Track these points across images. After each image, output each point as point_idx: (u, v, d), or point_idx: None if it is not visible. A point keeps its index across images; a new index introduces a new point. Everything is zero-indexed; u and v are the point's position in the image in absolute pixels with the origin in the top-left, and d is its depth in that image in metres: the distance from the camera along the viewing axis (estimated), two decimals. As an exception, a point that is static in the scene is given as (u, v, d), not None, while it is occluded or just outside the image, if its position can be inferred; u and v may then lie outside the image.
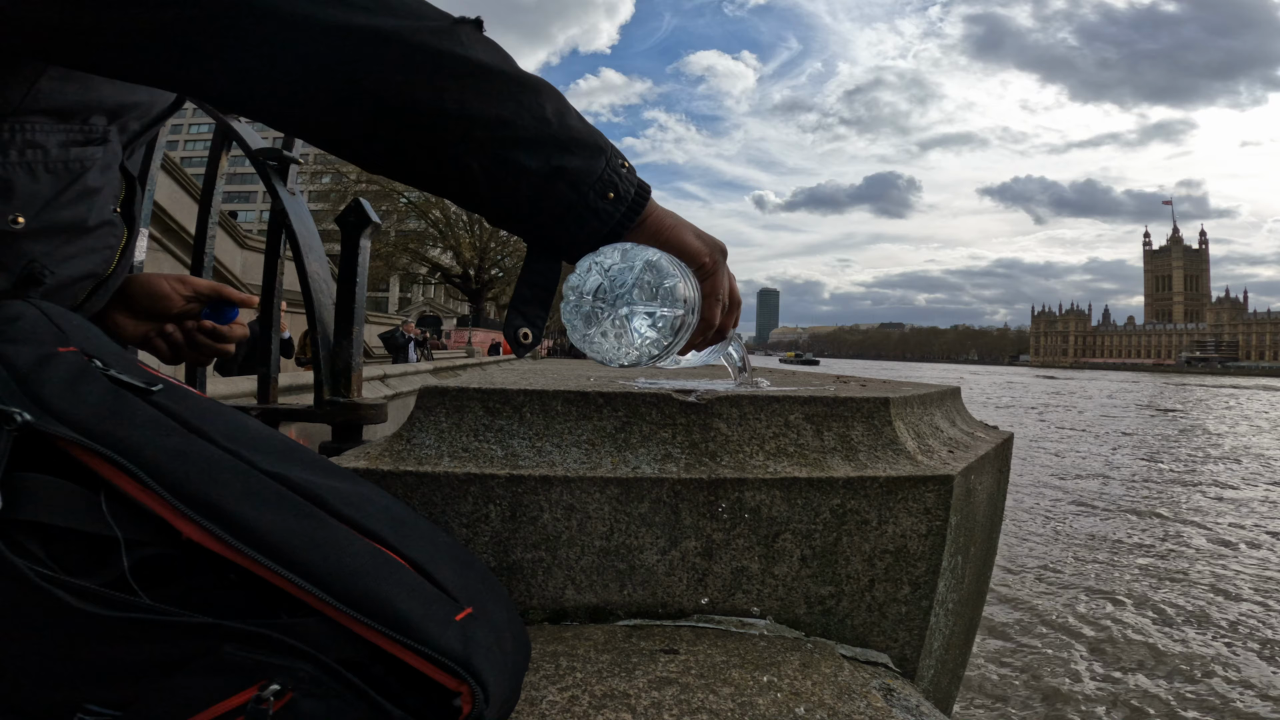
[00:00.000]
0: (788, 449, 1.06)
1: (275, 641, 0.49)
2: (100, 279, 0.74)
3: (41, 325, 0.61)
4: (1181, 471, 12.29)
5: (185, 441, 0.57)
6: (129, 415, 0.57)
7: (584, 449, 1.03)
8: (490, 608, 0.63)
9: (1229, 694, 3.90)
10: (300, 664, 0.49)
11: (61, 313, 0.64)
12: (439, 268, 33.46)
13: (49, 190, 0.65)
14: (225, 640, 0.49)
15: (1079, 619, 4.87)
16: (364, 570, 0.54)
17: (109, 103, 0.72)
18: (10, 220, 0.62)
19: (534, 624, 1.00)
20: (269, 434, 0.66)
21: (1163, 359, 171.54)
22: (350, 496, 0.61)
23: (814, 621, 1.03)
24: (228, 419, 0.63)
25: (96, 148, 0.70)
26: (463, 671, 0.52)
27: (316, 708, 0.49)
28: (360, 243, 1.17)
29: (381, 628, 0.51)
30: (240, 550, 0.51)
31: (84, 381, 0.57)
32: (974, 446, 1.29)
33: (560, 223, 0.60)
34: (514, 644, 0.63)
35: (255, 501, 0.55)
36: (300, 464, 0.62)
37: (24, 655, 0.49)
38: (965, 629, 1.38)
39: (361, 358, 1.20)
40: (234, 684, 0.48)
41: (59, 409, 0.54)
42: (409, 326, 10.54)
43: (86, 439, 0.52)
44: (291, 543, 0.53)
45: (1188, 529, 7.87)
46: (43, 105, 0.63)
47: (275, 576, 0.51)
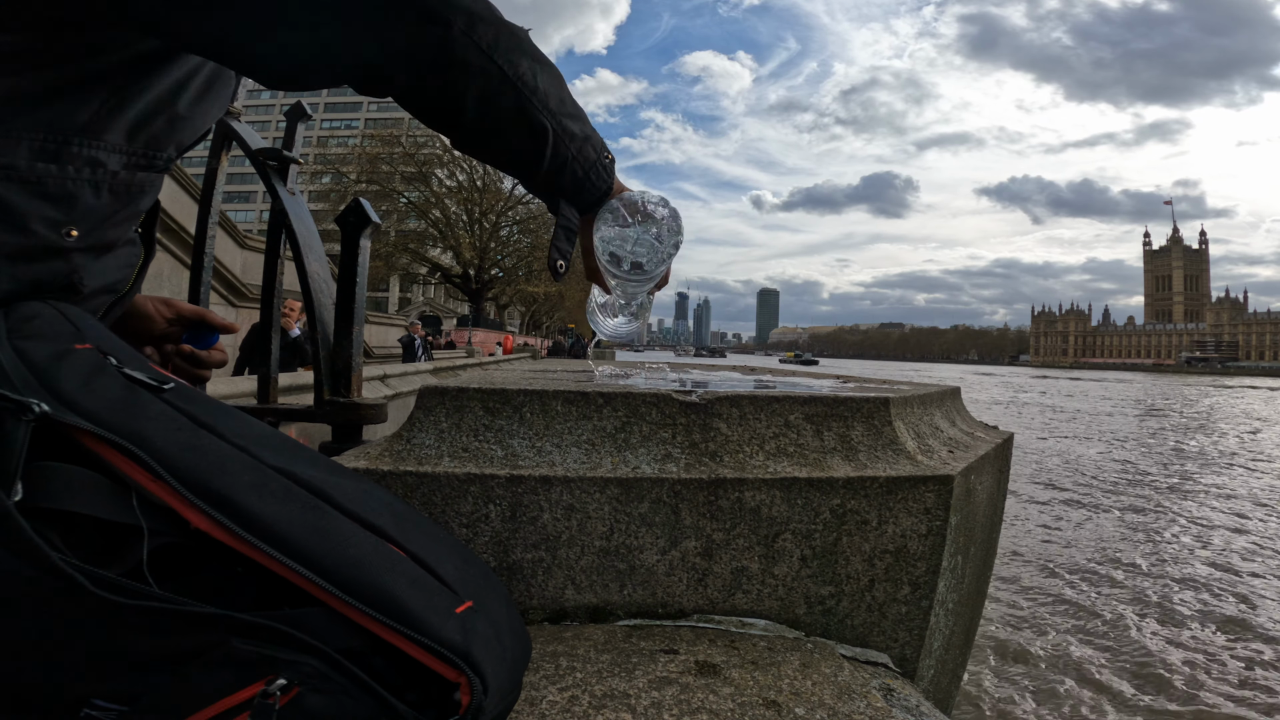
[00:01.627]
0: (788, 449, 1.06)
1: (281, 634, 0.49)
2: (119, 295, 0.75)
3: (58, 323, 0.62)
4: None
5: (195, 436, 0.58)
6: (142, 410, 0.57)
7: (584, 449, 1.03)
8: (490, 603, 0.63)
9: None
10: (306, 658, 0.49)
11: (78, 313, 0.65)
12: (439, 268, 33.51)
13: (107, 209, 0.67)
14: (232, 633, 0.49)
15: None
16: (366, 561, 0.55)
17: (186, 139, 0.74)
18: (65, 233, 0.64)
19: (534, 624, 1.00)
20: (275, 433, 0.67)
21: (1163, 359, 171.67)
22: (353, 492, 0.62)
23: (814, 621, 1.03)
24: (236, 418, 0.64)
25: (158, 174, 0.72)
26: (462, 663, 0.52)
27: (323, 703, 0.49)
28: (360, 243, 1.17)
29: (382, 618, 0.51)
30: (245, 539, 0.52)
31: (99, 377, 0.58)
32: (974, 446, 1.29)
33: (589, 174, 0.73)
34: (513, 639, 0.63)
35: (262, 494, 0.55)
36: (306, 461, 0.63)
37: (42, 642, 0.49)
38: (965, 629, 1.38)
39: (362, 358, 1.20)
40: (242, 678, 0.48)
41: (75, 401, 0.54)
42: (415, 328, 10.61)
43: (102, 430, 0.53)
44: (296, 533, 0.53)
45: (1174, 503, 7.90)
46: (114, 126, 0.65)
47: (279, 566, 0.52)
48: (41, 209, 0.61)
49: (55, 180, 0.62)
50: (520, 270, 33.43)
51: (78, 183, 0.63)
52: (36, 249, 0.62)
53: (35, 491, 0.49)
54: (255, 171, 1.26)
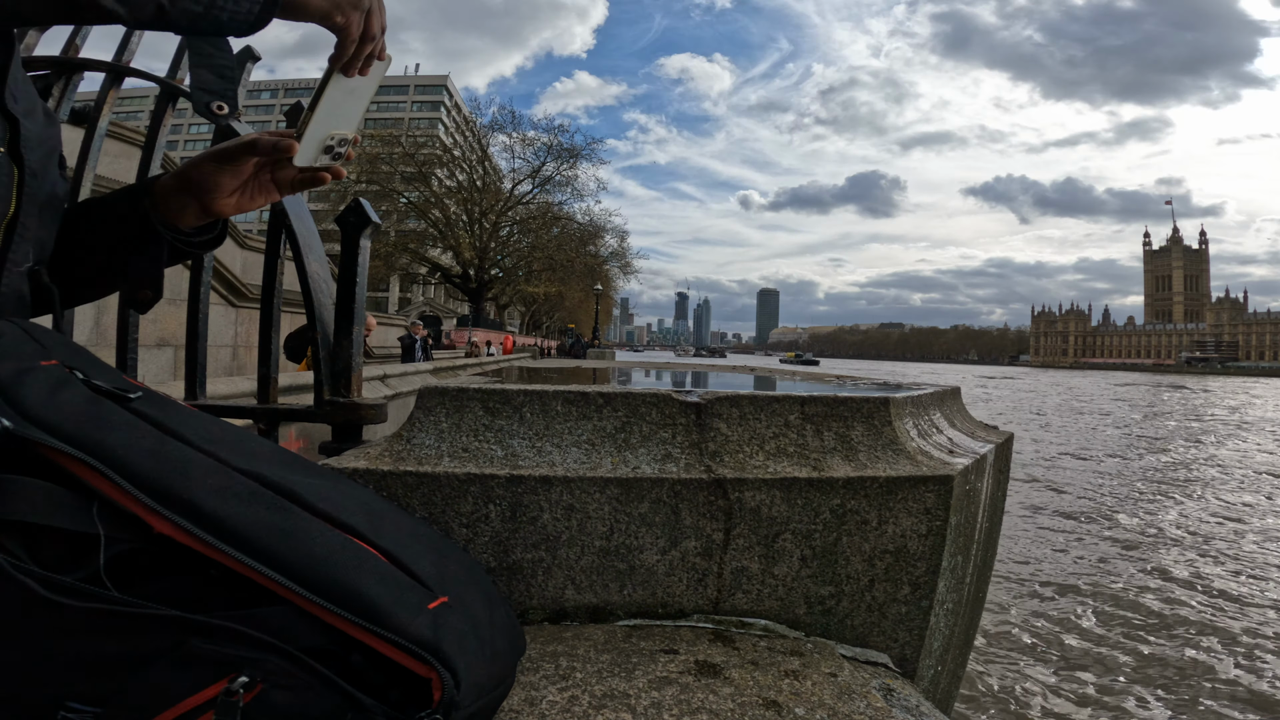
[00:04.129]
0: (788, 449, 1.06)
1: (241, 634, 0.50)
2: (4, 219, 0.68)
3: (22, 341, 0.62)
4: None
5: (160, 443, 0.59)
6: (106, 420, 0.59)
7: (584, 449, 1.03)
8: (470, 598, 0.63)
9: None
10: (268, 656, 0.50)
11: (43, 330, 0.66)
12: (439, 268, 33.49)
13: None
14: (191, 634, 0.50)
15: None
16: (332, 559, 0.55)
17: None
18: None
19: (534, 624, 1.00)
20: (248, 436, 0.67)
21: (1163, 359, 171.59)
22: (327, 492, 0.63)
23: (814, 622, 1.03)
24: (205, 422, 0.65)
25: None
26: (431, 658, 0.53)
27: (287, 699, 0.49)
28: (360, 243, 1.17)
29: (348, 614, 0.52)
30: (206, 541, 0.53)
31: (63, 390, 0.59)
32: (974, 447, 1.29)
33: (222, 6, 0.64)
34: (495, 633, 0.64)
35: (225, 496, 0.56)
36: (279, 464, 0.64)
37: (5, 648, 0.50)
38: (965, 629, 1.38)
39: (362, 358, 1.20)
40: (204, 677, 0.49)
41: (39, 416, 0.55)
42: (417, 328, 10.63)
43: (63, 443, 0.54)
44: (258, 534, 0.54)
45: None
46: None
47: (242, 566, 0.52)
48: None
49: None
50: (520, 270, 33.45)
51: None
52: None
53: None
54: (255, 171, 1.25)
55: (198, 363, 1.30)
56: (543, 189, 32.02)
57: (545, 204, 32.40)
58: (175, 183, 0.76)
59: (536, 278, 33.21)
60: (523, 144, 31.42)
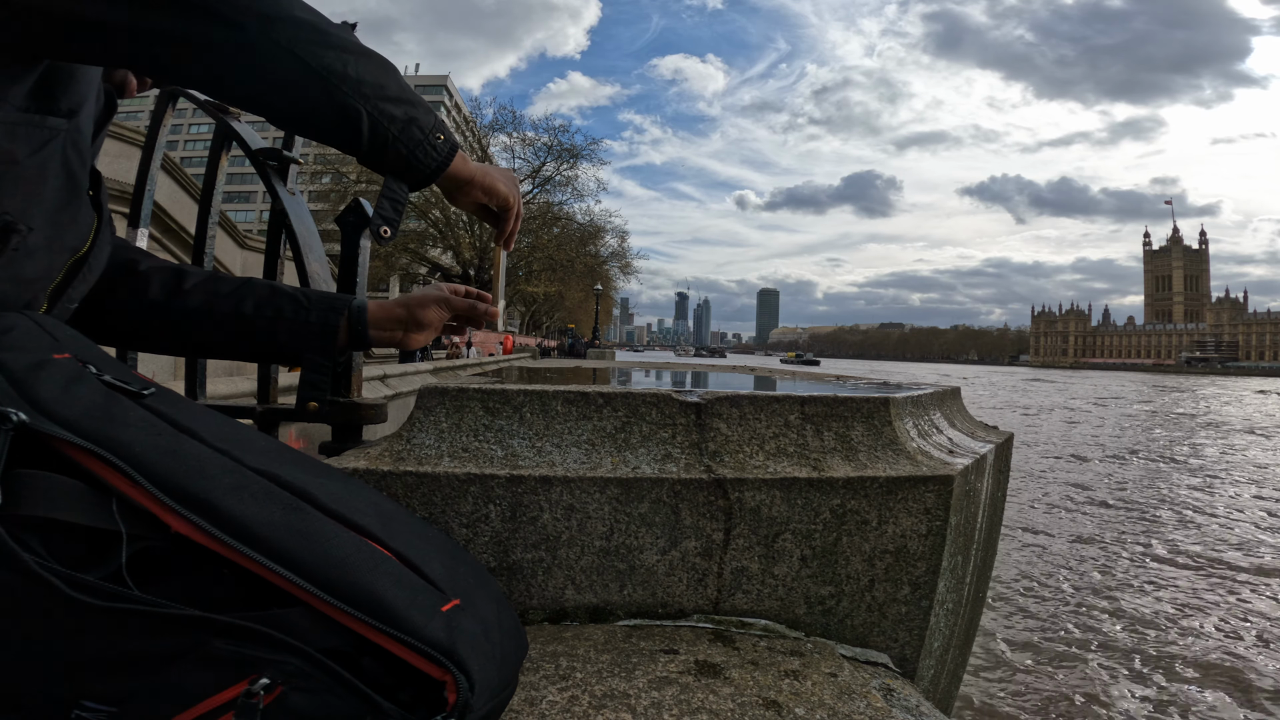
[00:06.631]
0: (788, 449, 1.06)
1: (261, 635, 0.50)
2: (78, 254, 0.75)
3: (35, 334, 0.62)
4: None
5: (175, 441, 0.58)
6: (121, 416, 0.58)
7: (584, 449, 1.03)
8: (480, 601, 0.63)
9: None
10: (288, 657, 0.49)
11: (54, 323, 0.66)
12: (439, 268, 33.49)
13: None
14: (214, 634, 0.49)
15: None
16: (348, 561, 0.55)
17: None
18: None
19: (534, 624, 1.00)
20: (259, 436, 0.67)
21: (1163, 359, 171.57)
22: (339, 494, 0.62)
23: (814, 622, 1.03)
24: (219, 422, 0.64)
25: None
26: (447, 661, 0.53)
27: (307, 701, 0.49)
28: (360, 243, 1.17)
29: (365, 617, 0.52)
30: (224, 541, 0.52)
31: (78, 385, 0.59)
32: (974, 447, 1.29)
33: (414, 152, 0.75)
34: (504, 636, 0.64)
35: (241, 496, 0.56)
36: (291, 464, 0.63)
37: (23, 645, 0.49)
38: (966, 629, 1.38)
39: (362, 358, 1.20)
40: (225, 678, 0.48)
41: (53, 410, 0.55)
42: None
43: (79, 438, 0.53)
44: (275, 534, 0.54)
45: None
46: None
47: (259, 567, 0.52)
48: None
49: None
50: (520, 270, 33.46)
51: None
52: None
53: (14, 499, 0.50)
54: (255, 171, 1.26)
55: (198, 362, 1.30)
56: (543, 189, 32.02)
57: (545, 204, 32.41)
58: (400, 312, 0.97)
59: (536, 278, 33.22)
60: (523, 144, 31.45)
